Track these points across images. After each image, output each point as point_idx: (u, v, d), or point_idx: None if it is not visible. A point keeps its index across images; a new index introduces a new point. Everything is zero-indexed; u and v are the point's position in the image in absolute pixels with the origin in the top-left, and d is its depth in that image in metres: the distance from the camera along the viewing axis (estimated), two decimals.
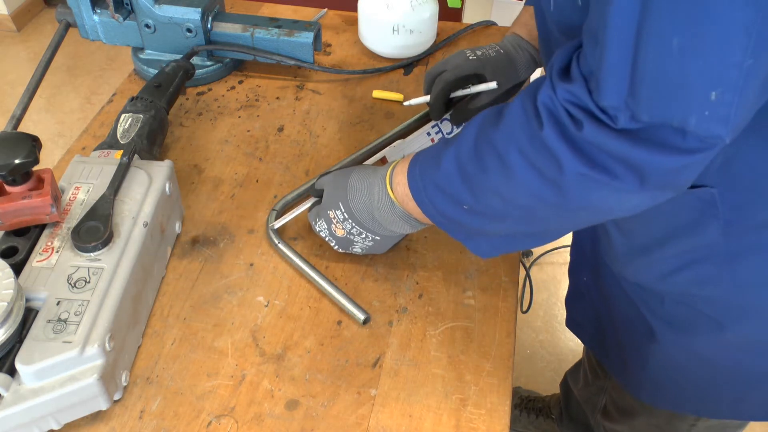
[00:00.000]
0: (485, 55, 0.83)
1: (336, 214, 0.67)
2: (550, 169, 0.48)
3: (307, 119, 0.91)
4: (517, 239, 0.61)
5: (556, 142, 0.47)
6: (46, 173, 0.60)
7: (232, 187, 0.81)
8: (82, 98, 2.42)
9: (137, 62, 0.96)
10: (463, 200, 0.56)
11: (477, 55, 0.82)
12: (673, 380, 0.75)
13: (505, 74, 0.82)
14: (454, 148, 0.56)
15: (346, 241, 0.68)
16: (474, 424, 0.59)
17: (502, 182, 0.52)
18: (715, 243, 0.58)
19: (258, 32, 0.92)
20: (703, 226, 0.58)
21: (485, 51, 0.83)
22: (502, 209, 0.55)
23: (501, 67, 0.82)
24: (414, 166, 0.61)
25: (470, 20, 1.20)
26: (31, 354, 0.53)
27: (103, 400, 0.57)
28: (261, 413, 0.60)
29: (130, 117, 0.77)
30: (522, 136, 0.50)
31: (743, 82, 0.39)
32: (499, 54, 0.83)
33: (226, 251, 0.73)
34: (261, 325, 0.67)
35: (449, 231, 0.62)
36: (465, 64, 0.81)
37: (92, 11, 0.91)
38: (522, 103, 0.50)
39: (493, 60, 0.82)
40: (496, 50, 0.83)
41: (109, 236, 0.61)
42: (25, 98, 0.81)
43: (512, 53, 0.83)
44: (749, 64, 0.38)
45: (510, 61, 0.83)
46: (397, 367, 0.63)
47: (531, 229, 0.59)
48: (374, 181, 0.65)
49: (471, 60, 0.82)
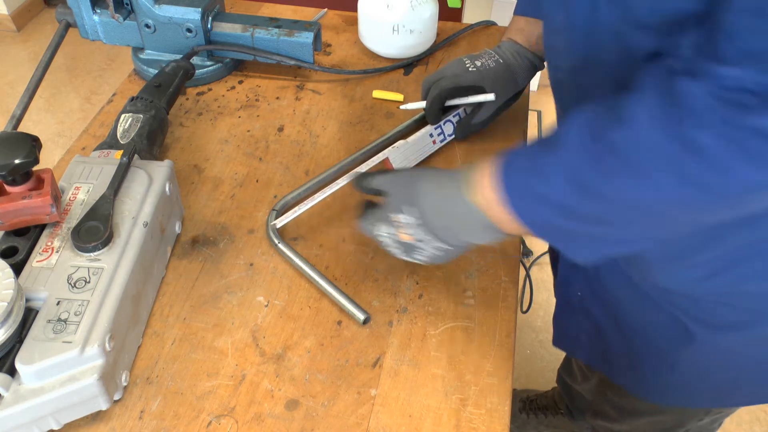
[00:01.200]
0: (485, 66, 0.82)
1: (406, 219, 0.60)
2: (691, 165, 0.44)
3: (307, 119, 0.91)
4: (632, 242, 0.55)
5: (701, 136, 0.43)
6: (46, 173, 0.60)
7: (232, 187, 0.81)
8: (82, 98, 2.42)
9: (137, 62, 0.96)
10: (578, 209, 0.51)
11: (477, 66, 0.82)
12: (702, 379, 0.75)
13: (504, 85, 0.82)
14: (557, 156, 0.51)
15: (410, 247, 0.61)
16: (474, 424, 0.59)
17: (630, 182, 0.47)
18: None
19: (258, 32, 0.92)
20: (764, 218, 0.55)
21: (485, 62, 0.82)
22: (625, 213, 0.50)
23: (500, 79, 0.81)
24: (509, 174, 0.54)
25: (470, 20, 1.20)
26: (31, 354, 0.53)
27: (103, 400, 0.57)
28: (261, 413, 0.60)
29: (130, 117, 0.77)
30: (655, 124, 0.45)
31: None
32: (498, 64, 0.82)
33: (226, 251, 0.73)
34: (261, 325, 0.67)
35: (549, 239, 0.56)
36: (464, 75, 0.81)
37: (92, 11, 0.91)
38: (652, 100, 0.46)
39: (493, 72, 0.81)
40: (495, 60, 0.82)
41: (109, 236, 0.61)
42: (25, 98, 0.81)
43: (511, 61, 0.82)
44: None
45: (509, 70, 0.82)
46: (397, 367, 0.63)
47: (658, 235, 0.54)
48: (452, 185, 0.59)
49: (471, 72, 0.81)
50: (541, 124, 2.28)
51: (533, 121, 2.26)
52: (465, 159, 0.84)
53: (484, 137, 0.87)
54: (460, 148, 0.86)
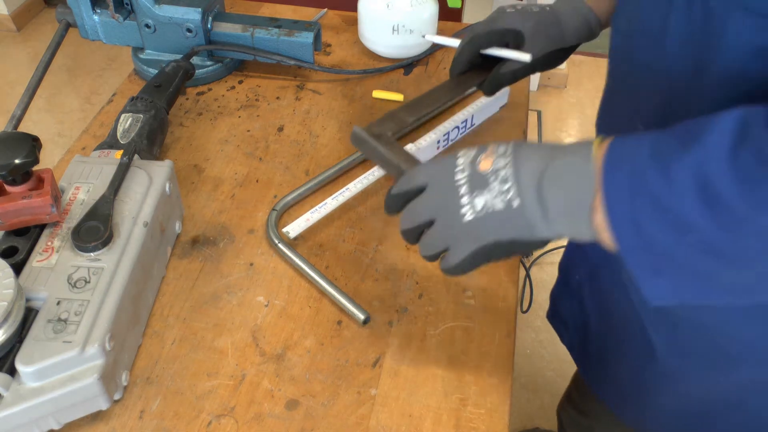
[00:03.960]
0: (526, 9, 0.71)
1: (498, 147, 0.50)
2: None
3: (307, 119, 0.91)
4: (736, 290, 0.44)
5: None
6: (46, 173, 0.60)
7: (232, 187, 0.81)
8: (82, 98, 2.42)
9: (137, 62, 0.96)
10: (696, 228, 0.40)
11: (516, 7, 0.71)
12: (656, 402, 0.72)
13: (548, 35, 0.70)
14: (694, 158, 0.40)
15: (477, 181, 0.49)
16: (474, 424, 0.59)
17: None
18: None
19: (258, 32, 0.92)
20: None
21: (527, 6, 0.72)
22: (761, 259, 0.40)
23: (544, 26, 0.70)
24: (618, 160, 0.43)
25: (470, 20, 1.20)
26: (31, 354, 0.53)
27: (103, 400, 0.57)
28: (261, 413, 0.60)
29: (130, 117, 0.77)
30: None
31: None
32: (543, 11, 0.71)
33: (226, 251, 0.73)
34: (261, 325, 0.67)
35: (631, 259, 0.44)
36: (500, 17, 0.71)
37: (92, 11, 0.91)
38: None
39: (536, 16, 0.70)
40: (542, 6, 0.72)
41: (109, 236, 0.61)
42: (25, 98, 0.81)
43: (561, 13, 0.71)
44: None
45: (556, 20, 0.71)
46: (397, 367, 0.63)
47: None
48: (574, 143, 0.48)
49: (509, 13, 0.71)
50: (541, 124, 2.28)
51: (533, 121, 2.26)
52: None
53: (484, 135, 0.87)
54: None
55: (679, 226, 0.40)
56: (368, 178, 0.79)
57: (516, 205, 0.47)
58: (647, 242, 0.42)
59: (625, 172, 0.42)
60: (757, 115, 0.39)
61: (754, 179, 0.38)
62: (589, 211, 0.44)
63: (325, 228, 0.76)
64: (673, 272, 0.43)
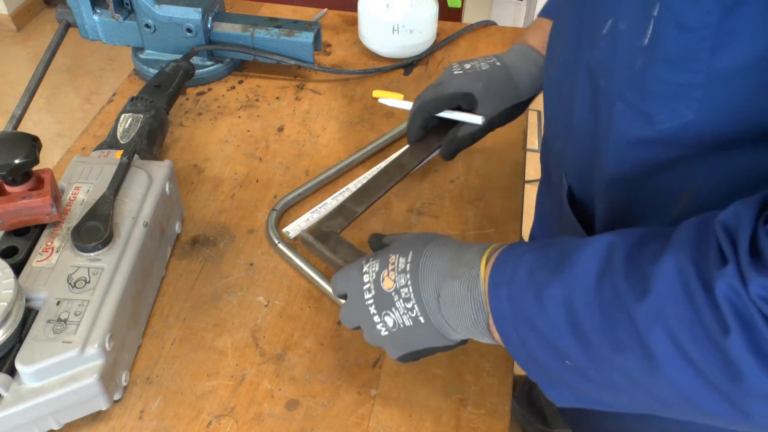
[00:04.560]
0: (475, 68, 0.70)
1: (398, 260, 0.52)
2: (721, 379, 0.35)
3: (307, 119, 0.91)
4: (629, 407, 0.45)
5: (742, 353, 0.33)
6: (46, 173, 0.60)
7: (232, 187, 0.81)
8: (82, 98, 2.42)
9: (137, 62, 0.96)
10: (569, 356, 0.42)
11: (465, 68, 0.70)
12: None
13: (501, 93, 0.70)
14: (563, 286, 0.41)
15: (383, 300, 0.52)
16: (474, 424, 0.59)
17: (638, 367, 0.38)
18: None
19: (258, 32, 0.92)
20: None
21: (476, 64, 0.71)
22: (629, 390, 0.41)
23: (496, 85, 0.69)
24: (499, 283, 0.46)
25: (470, 20, 1.20)
26: (31, 354, 0.53)
27: (103, 400, 0.57)
28: (261, 413, 0.60)
29: (130, 117, 0.77)
30: (679, 324, 0.36)
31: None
32: (494, 68, 0.70)
33: (226, 251, 0.73)
34: (261, 325, 0.67)
35: (530, 372, 0.47)
36: (448, 81, 0.70)
37: (92, 11, 0.91)
38: (681, 275, 0.36)
39: (485, 75, 0.69)
40: (491, 63, 0.71)
41: (109, 236, 0.61)
42: (25, 98, 0.81)
43: (513, 68, 0.71)
44: None
45: (508, 76, 0.70)
46: (397, 367, 0.63)
47: (665, 415, 0.43)
48: (468, 249, 0.50)
49: (456, 75, 0.70)
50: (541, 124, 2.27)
51: (533, 121, 2.26)
52: (465, 159, 0.84)
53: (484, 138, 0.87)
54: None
55: (556, 351, 0.43)
56: (368, 178, 0.79)
57: (423, 321, 0.50)
58: (535, 360, 0.45)
59: (506, 295, 0.45)
60: (622, 244, 0.40)
61: (611, 318, 0.39)
62: (486, 328, 0.48)
63: None
64: (566, 386, 0.45)
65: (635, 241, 0.41)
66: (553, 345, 0.43)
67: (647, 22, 0.41)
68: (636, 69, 0.43)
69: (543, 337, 0.43)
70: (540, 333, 0.43)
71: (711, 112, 0.41)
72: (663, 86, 0.42)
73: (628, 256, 0.40)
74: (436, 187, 0.81)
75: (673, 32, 0.39)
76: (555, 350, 0.43)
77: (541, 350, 0.44)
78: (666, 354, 0.36)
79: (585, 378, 0.43)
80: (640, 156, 0.47)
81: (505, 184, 0.81)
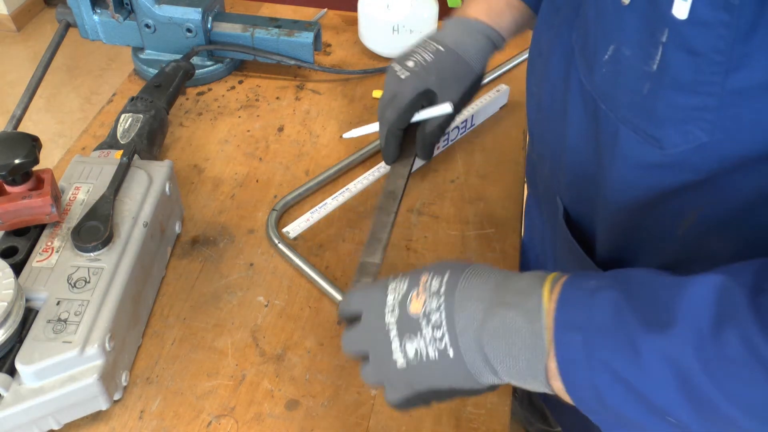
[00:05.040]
0: (419, 63, 0.65)
1: (431, 281, 0.45)
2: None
3: (307, 119, 0.91)
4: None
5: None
6: (46, 173, 0.60)
7: (232, 187, 0.81)
8: (82, 98, 2.42)
9: (137, 62, 0.96)
10: (672, 414, 0.37)
11: (409, 67, 0.66)
12: None
13: (457, 77, 0.66)
14: (668, 340, 0.36)
15: (407, 325, 0.45)
16: (474, 424, 0.59)
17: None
18: None
19: (258, 32, 0.92)
20: None
21: (417, 57, 0.66)
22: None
23: (448, 71, 0.66)
24: (571, 326, 0.39)
25: None
26: (31, 354, 0.53)
27: (103, 400, 0.57)
28: (261, 413, 0.60)
29: (130, 117, 0.77)
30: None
31: None
32: (439, 54, 0.66)
33: (226, 251, 0.73)
34: (261, 325, 0.67)
35: (598, 419, 0.41)
36: (401, 89, 0.66)
37: (92, 11, 0.91)
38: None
39: (434, 65, 0.65)
40: (434, 49, 0.66)
41: (109, 236, 0.61)
42: (25, 98, 0.81)
43: (459, 46, 0.67)
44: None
45: (456, 57, 0.66)
46: None
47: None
48: (518, 275, 0.44)
49: (405, 80, 0.65)
50: None
51: None
52: (465, 159, 0.84)
53: (484, 135, 0.87)
54: (459, 147, 0.86)
55: (653, 409, 0.37)
56: (368, 178, 0.79)
57: (453, 356, 0.43)
58: (616, 414, 0.39)
59: (581, 342, 0.38)
60: (738, 287, 0.35)
61: (743, 379, 0.33)
62: (542, 372, 0.41)
63: (325, 228, 0.76)
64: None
65: (752, 281, 0.35)
66: (651, 403, 0.37)
67: (655, 48, 0.40)
68: (643, 94, 0.42)
69: (637, 394, 0.37)
70: (633, 389, 0.37)
71: (725, 132, 0.40)
72: (674, 110, 0.41)
73: (752, 301, 0.34)
74: (436, 187, 0.81)
75: (683, 57, 0.39)
76: (652, 408, 0.37)
77: (630, 406, 0.38)
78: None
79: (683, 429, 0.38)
80: (648, 181, 0.46)
81: (505, 184, 0.81)
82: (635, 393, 0.37)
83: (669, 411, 0.36)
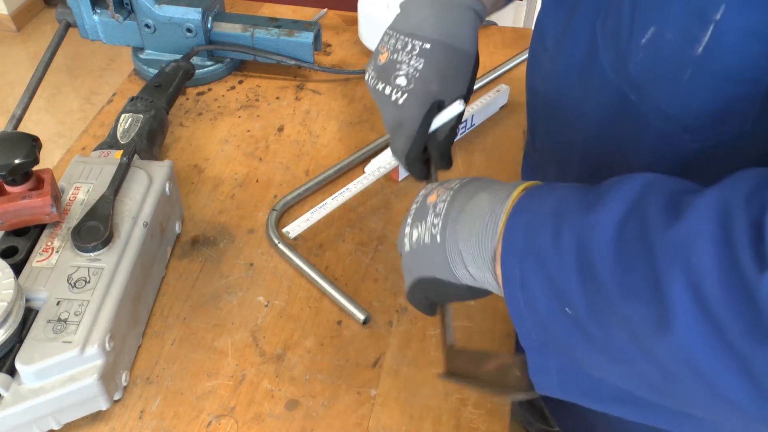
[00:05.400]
0: (412, 76, 0.56)
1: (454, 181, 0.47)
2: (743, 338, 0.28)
3: (307, 119, 0.91)
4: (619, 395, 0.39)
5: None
6: (46, 173, 0.60)
7: (232, 187, 0.81)
8: (82, 98, 2.42)
9: (137, 62, 0.96)
10: (570, 301, 0.36)
11: (401, 86, 0.57)
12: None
13: (457, 70, 0.57)
14: (586, 222, 0.35)
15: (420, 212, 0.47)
16: (474, 424, 0.59)
17: (646, 318, 0.32)
18: None
19: (258, 32, 0.92)
20: None
21: (408, 69, 0.56)
22: (629, 354, 0.34)
23: (445, 70, 0.57)
24: (523, 209, 0.40)
25: None
26: (31, 354, 0.53)
27: (103, 400, 0.57)
28: (261, 413, 0.60)
29: (130, 117, 0.77)
30: (705, 258, 0.29)
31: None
32: (428, 55, 0.56)
33: (226, 251, 0.73)
34: (261, 325, 0.67)
35: (520, 329, 0.40)
36: (406, 115, 0.57)
37: (92, 11, 0.91)
38: (725, 205, 0.30)
39: (432, 68, 0.56)
40: (421, 48, 0.56)
41: (109, 236, 0.61)
42: (25, 98, 0.81)
43: (449, 37, 0.57)
44: None
45: (450, 49, 0.57)
46: (397, 367, 0.63)
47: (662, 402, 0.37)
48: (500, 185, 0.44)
49: (403, 104, 0.57)
50: None
51: None
52: (465, 159, 0.84)
53: (484, 135, 0.87)
54: (459, 147, 0.86)
55: (557, 295, 0.36)
56: (368, 179, 0.79)
57: (439, 241, 0.43)
58: (531, 309, 0.38)
59: (524, 223, 0.38)
60: (661, 184, 0.34)
61: (627, 255, 0.33)
62: (491, 253, 0.40)
63: (325, 228, 0.76)
64: (556, 352, 0.39)
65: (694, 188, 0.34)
66: (556, 286, 0.36)
67: (704, 28, 0.36)
68: (683, 81, 0.39)
69: (548, 277, 0.36)
70: (546, 271, 0.36)
71: (766, 126, 0.37)
72: (714, 99, 0.38)
73: (669, 191, 0.34)
74: None
75: (737, 39, 0.35)
76: (557, 293, 0.36)
77: (542, 294, 0.37)
78: (680, 300, 0.30)
79: (581, 334, 0.36)
80: (677, 175, 0.44)
81: None
82: (548, 277, 0.36)
83: (568, 297, 0.36)
